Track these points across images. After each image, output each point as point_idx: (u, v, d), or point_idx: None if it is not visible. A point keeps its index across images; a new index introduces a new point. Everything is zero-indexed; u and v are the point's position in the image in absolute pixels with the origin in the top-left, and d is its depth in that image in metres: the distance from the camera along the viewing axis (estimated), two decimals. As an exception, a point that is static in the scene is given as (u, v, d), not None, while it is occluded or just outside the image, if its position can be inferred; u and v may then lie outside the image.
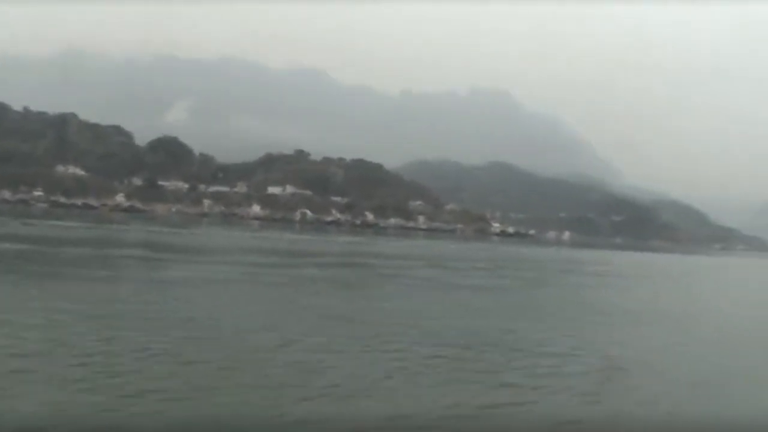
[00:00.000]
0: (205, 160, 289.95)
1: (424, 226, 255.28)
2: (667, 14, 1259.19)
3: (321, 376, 15.55)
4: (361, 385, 15.08)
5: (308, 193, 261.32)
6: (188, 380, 14.30)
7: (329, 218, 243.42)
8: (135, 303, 24.80)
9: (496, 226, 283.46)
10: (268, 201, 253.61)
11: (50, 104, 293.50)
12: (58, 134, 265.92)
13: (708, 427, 14.29)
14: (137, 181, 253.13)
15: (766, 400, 17.10)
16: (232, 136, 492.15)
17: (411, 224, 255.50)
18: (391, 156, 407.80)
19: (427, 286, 42.09)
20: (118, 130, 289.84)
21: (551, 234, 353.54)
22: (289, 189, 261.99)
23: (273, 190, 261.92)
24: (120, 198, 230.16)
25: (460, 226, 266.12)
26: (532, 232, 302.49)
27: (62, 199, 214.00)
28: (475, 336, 22.21)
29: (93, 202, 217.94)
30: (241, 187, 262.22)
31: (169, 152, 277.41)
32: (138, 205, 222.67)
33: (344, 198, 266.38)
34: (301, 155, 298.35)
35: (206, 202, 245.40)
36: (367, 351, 18.91)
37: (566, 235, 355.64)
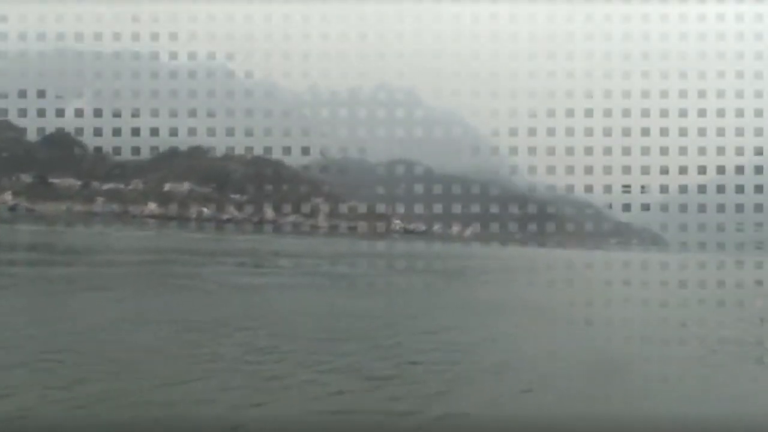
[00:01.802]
0: (100, 156, 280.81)
1: (324, 224, 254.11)
2: (578, 6, 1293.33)
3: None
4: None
5: (206, 190, 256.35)
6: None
7: (226, 216, 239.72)
8: None
9: (397, 223, 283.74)
10: (164, 198, 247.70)
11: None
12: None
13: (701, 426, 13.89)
14: (27, 179, 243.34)
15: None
16: (130, 132, 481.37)
17: (311, 222, 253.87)
18: (294, 153, 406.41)
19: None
20: (7, 125, 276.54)
21: (454, 229, 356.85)
22: (187, 186, 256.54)
23: (170, 187, 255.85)
24: (7, 196, 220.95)
25: (361, 223, 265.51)
26: (436, 227, 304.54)
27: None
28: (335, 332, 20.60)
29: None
30: (137, 185, 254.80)
31: (63, 148, 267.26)
32: (24, 203, 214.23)
33: (243, 195, 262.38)
34: (199, 151, 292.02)
35: (99, 199, 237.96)
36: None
37: (469, 230, 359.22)
